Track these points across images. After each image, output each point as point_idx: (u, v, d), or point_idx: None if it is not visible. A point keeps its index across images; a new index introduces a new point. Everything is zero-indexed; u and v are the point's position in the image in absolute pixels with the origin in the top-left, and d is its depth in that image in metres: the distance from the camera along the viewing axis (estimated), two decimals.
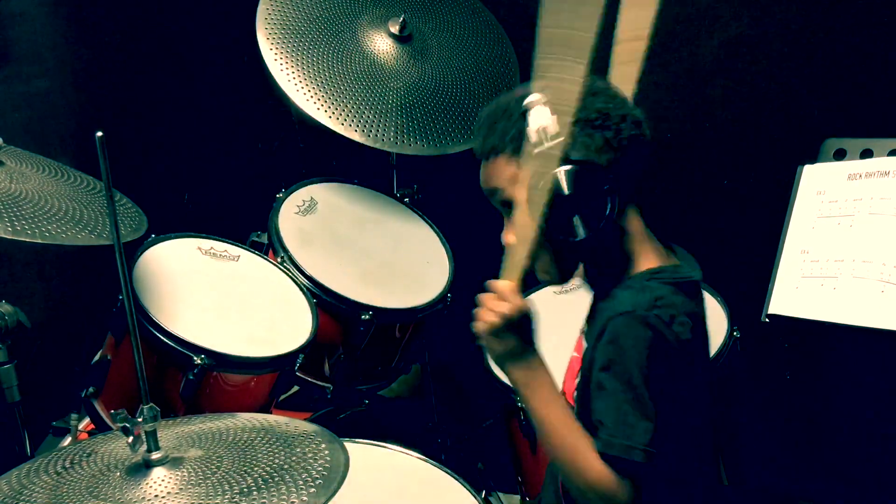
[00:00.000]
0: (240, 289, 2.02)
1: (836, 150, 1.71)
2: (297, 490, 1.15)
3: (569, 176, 1.34)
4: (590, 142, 1.36)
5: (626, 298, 1.37)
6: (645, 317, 1.32)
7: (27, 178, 1.79)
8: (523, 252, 1.41)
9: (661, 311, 1.33)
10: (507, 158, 1.41)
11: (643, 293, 1.36)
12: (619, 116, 1.38)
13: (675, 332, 1.33)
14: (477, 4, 2.56)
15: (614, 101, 1.39)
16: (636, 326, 1.32)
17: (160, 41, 2.72)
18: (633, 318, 1.33)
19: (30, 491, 1.20)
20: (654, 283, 1.38)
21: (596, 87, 1.39)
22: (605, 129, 1.36)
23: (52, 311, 2.55)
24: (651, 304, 1.33)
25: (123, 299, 1.21)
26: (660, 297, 1.35)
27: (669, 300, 1.35)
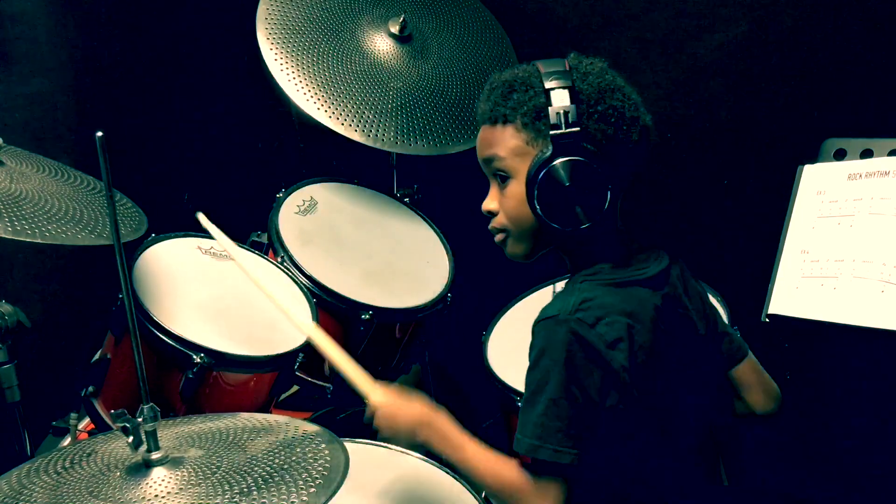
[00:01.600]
0: (240, 288, 2.02)
1: (836, 150, 1.71)
2: (297, 490, 1.15)
3: (581, 167, 1.35)
4: (602, 137, 1.37)
5: (556, 303, 1.39)
6: (565, 320, 1.34)
7: (27, 178, 1.79)
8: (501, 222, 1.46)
9: (585, 313, 1.34)
10: (516, 130, 1.41)
11: (570, 296, 1.38)
12: (631, 118, 1.39)
13: (599, 333, 1.33)
14: (477, 4, 2.56)
15: (629, 101, 1.40)
16: (553, 330, 1.35)
17: (160, 41, 2.72)
18: (554, 322, 1.35)
19: (30, 491, 1.20)
20: (585, 285, 1.40)
21: (616, 83, 1.41)
22: (617, 128, 1.38)
23: (52, 311, 2.55)
24: (575, 307, 1.35)
25: (123, 298, 1.21)
26: (587, 299, 1.36)
27: (599, 301, 1.36)
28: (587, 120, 1.37)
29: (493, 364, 2.03)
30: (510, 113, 1.41)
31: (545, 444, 1.33)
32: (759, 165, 2.36)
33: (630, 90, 1.43)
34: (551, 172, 1.36)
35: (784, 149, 2.23)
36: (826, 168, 1.66)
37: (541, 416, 1.34)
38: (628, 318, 1.37)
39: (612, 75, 1.42)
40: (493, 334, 2.12)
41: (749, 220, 2.37)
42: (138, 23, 2.68)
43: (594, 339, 1.33)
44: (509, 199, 1.43)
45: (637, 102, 1.42)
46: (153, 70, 2.72)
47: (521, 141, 1.41)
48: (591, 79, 1.39)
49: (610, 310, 1.36)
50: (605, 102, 1.37)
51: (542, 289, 2.19)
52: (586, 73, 1.40)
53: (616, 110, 1.38)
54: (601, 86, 1.39)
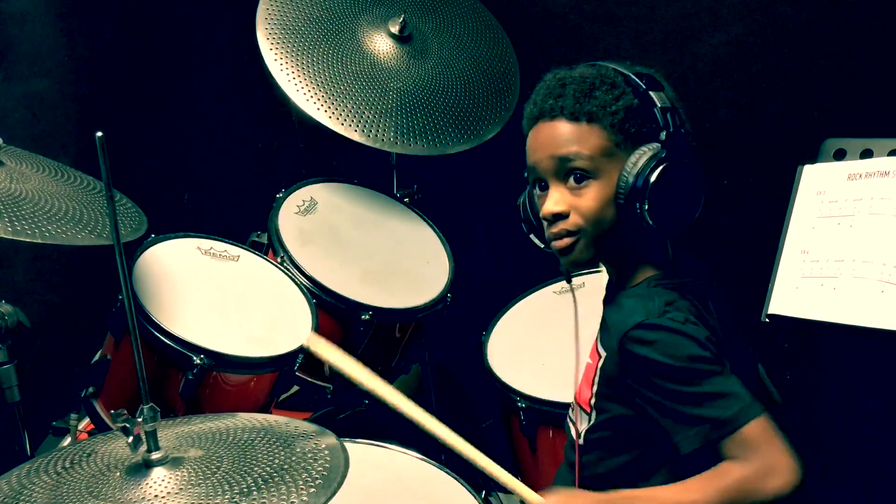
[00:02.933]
0: (240, 289, 2.02)
1: (836, 150, 1.71)
2: (297, 490, 1.15)
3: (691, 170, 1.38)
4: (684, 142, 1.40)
5: (635, 308, 1.37)
6: (661, 322, 1.33)
7: (27, 178, 1.79)
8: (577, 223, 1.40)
9: (673, 314, 1.34)
10: (603, 129, 1.38)
11: (651, 300, 1.36)
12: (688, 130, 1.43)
13: (694, 330, 1.33)
14: (477, 4, 2.56)
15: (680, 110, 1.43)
16: (656, 332, 1.33)
17: (160, 41, 2.72)
18: (650, 326, 1.33)
19: (30, 491, 1.20)
20: (659, 289, 1.39)
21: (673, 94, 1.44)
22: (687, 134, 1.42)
23: (52, 311, 2.55)
24: (661, 309, 1.34)
25: (123, 299, 1.21)
26: (669, 301, 1.36)
27: (678, 304, 1.36)
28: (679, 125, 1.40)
29: (493, 364, 2.03)
30: (597, 111, 1.38)
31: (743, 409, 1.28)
32: (759, 165, 2.36)
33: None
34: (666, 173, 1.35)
35: (784, 149, 2.23)
36: (826, 168, 1.66)
37: (701, 406, 1.30)
38: (700, 320, 1.36)
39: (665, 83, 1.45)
40: (493, 334, 2.12)
41: (749, 220, 2.36)
42: (138, 23, 2.68)
43: (694, 333, 1.32)
44: (589, 200, 1.39)
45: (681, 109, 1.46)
46: (153, 70, 2.72)
47: (608, 142, 1.38)
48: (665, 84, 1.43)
49: (688, 311, 1.36)
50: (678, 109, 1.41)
51: (542, 289, 2.19)
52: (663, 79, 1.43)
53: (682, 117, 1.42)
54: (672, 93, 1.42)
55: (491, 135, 2.31)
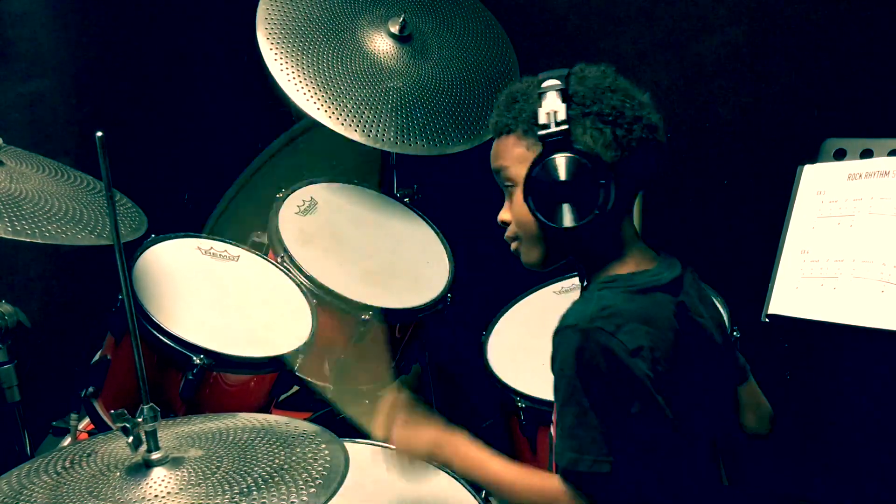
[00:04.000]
0: (240, 289, 2.02)
1: (836, 150, 1.71)
2: (297, 490, 1.15)
3: (568, 163, 1.36)
4: (598, 136, 1.37)
5: (574, 310, 1.38)
6: (586, 329, 1.32)
7: (27, 178, 1.79)
8: (513, 230, 1.47)
9: (605, 321, 1.33)
10: (517, 138, 1.42)
11: (589, 304, 1.37)
12: (633, 117, 1.38)
13: (621, 341, 1.32)
14: (477, 4, 2.56)
15: (632, 101, 1.39)
16: (574, 339, 1.33)
17: (160, 41, 2.72)
18: (573, 331, 1.34)
19: (30, 491, 1.20)
20: (605, 293, 1.38)
21: (617, 84, 1.40)
22: (616, 126, 1.37)
23: (52, 311, 2.55)
24: (595, 315, 1.33)
25: (123, 299, 1.21)
26: (606, 306, 1.35)
27: (617, 309, 1.34)
28: (582, 118, 1.37)
29: (493, 364, 2.03)
30: (512, 122, 1.43)
31: (583, 456, 1.32)
32: (759, 165, 2.36)
33: (636, 91, 1.42)
34: (541, 170, 1.37)
35: (784, 149, 2.23)
36: (826, 168, 1.66)
37: (573, 427, 1.33)
38: (648, 325, 1.35)
39: (614, 78, 1.42)
40: (493, 334, 2.12)
41: (749, 220, 2.36)
42: (138, 23, 2.68)
43: (616, 347, 1.31)
44: (516, 205, 1.44)
45: (642, 103, 1.41)
46: (153, 70, 2.72)
47: (522, 148, 1.42)
48: (588, 81, 1.40)
49: (630, 317, 1.34)
50: (601, 102, 1.37)
51: (542, 289, 2.19)
52: (584, 77, 1.41)
53: (615, 109, 1.37)
54: (598, 86, 1.39)
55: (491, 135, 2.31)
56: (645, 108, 1.41)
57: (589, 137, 1.37)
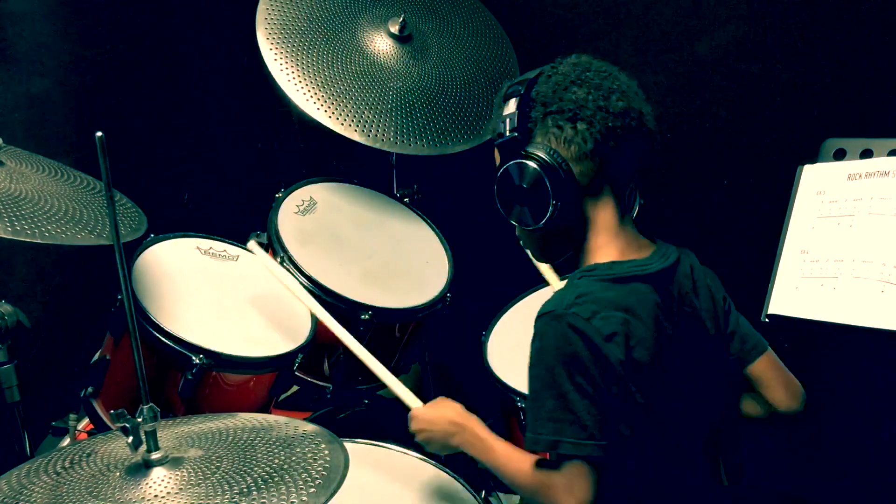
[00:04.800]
0: (239, 289, 2.02)
1: (836, 150, 1.71)
2: (297, 490, 1.15)
3: (515, 169, 1.40)
4: (559, 133, 1.39)
5: (554, 298, 1.41)
6: (562, 314, 1.35)
7: (27, 178, 1.79)
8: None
9: (581, 307, 1.35)
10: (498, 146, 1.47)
11: (567, 291, 1.39)
12: (597, 108, 1.39)
13: (596, 327, 1.34)
14: (477, 4, 2.56)
15: (598, 92, 1.40)
16: (551, 325, 1.36)
17: (160, 41, 2.72)
18: (550, 317, 1.36)
19: (30, 491, 1.20)
20: (583, 280, 1.41)
21: (584, 77, 1.41)
22: (578, 121, 1.39)
23: (52, 311, 2.55)
24: (571, 301, 1.36)
25: (123, 299, 1.21)
26: (583, 293, 1.37)
27: (594, 297, 1.37)
28: (543, 119, 1.40)
29: (493, 364, 2.03)
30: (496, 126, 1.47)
31: (564, 438, 1.34)
32: (759, 165, 2.36)
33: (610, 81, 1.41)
34: (498, 178, 1.43)
35: (784, 149, 2.23)
36: (826, 168, 1.66)
37: (552, 410, 1.34)
38: (625, 312, 1.37)
39: (585, 69, 1.42)
40: (493, 334, 2.12)
41: (749, 220, 2.36)
42: (138, 23, 2.68)
43: (591, 332, 1.34)
44: None
45: (611, 89, 1.40)
46: (153, 70, 2.72)
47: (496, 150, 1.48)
48: (553, 78, 1.42)
49: (606, 304, 1.36)
50: (560, 100, 1.39)
51: (542, 289, 2.19)
52: (552, 74, 1.43)
53: (575, 103, 1.39)
54: (560, 84, 1.40)
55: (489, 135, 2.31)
56: (613, 95, 1.40)
57: (550, 137, 1.39)
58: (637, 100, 1.43)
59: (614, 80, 1.42)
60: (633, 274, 1.42)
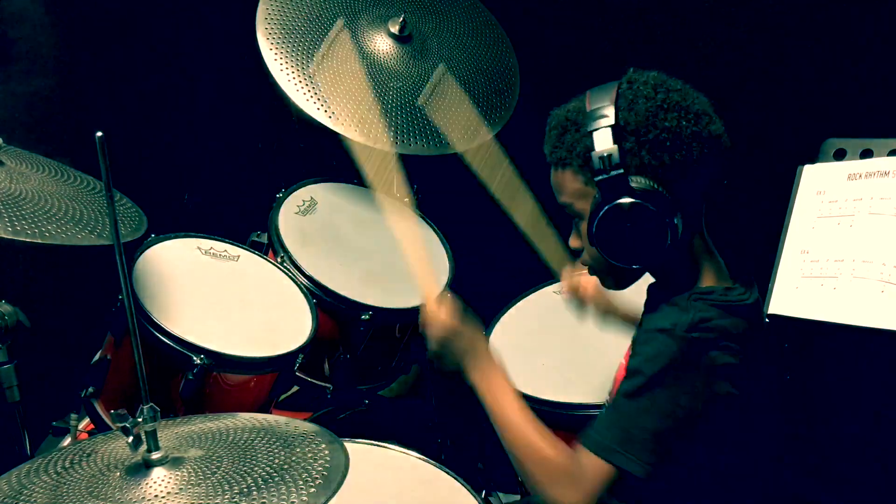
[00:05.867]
0: (240, 289, 2.02)
1: (836, 150, 1.71)
2: (297, 490, 1.15)
3: (628, 208, 1.32)
4: (657, 164, 1.33)
5: (669, 315, 1.35)
6: (683, 337, 1.31)
7: (27, 178, 1.79)
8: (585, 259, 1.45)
9: (703, 333, 1.32)
10: (574, 173, 1.39)
11: (686, 313, 1.34)
12: (692, 135, 1.33)
13: (712, 358, 1.31)
14: (477, 4, 2.56)
15: (688, 116, 1.34)
16: (669, 344, 1.31)
17: (160, 41, 2.72)
18: (671, 336, 1.32)
19: (30, 491, 1.19)
20: (700, 304, 1.35)
21: (670, 100, 1.35)
22: (675, 151, 1.33)
23: (52, 311, 2.54)
24: (693, 324, 1.32)
25: (123, 299, 1.21)
26: (705, 319, 1.33)
27: (715, 323, 1.33)
28: (639, 153, 1.32)
29: None
30: (566, 156, 1.39)
31: (626, 453, 1.30)
32: (759, 165, 2.36)
33: (691, 100, 1.36)
34: (602, 219, 1.34)
35: (784, 149, 2.23)
36: (826, 168, 1.66)
37: (632, 421, 1.31)
38: (737, 343, 1.34)
39: (667, 90, 1.36)
40: (493, 334, 2.12)
41: (749, 220, 2.36)
42: (138, 23, 2.68)
43: (706, 363, 1.31)
44: (585, 238, 1.41)
45: (698, 113, 1.35)
46: (153, 70, 2.72)
47: (580, 183, 1.39)
48: (639, 105, 1.34)
49: (724, 334, 1.33)
50: (655, 128, 1.32)
51: (542, 289, 2.19)
52: (635, 98, 1.35)
53: (671, 132, 1.32)
54: (650, 110, 1.33)
55: (491, 135, 2.31)
56: (703, 119, 1.35)
57: (647, 168, 1.32)
58: (717, 118, 1.38)
59: (695, 100, 1.37)
60: (743, 303, 1.39)
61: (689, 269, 1.42)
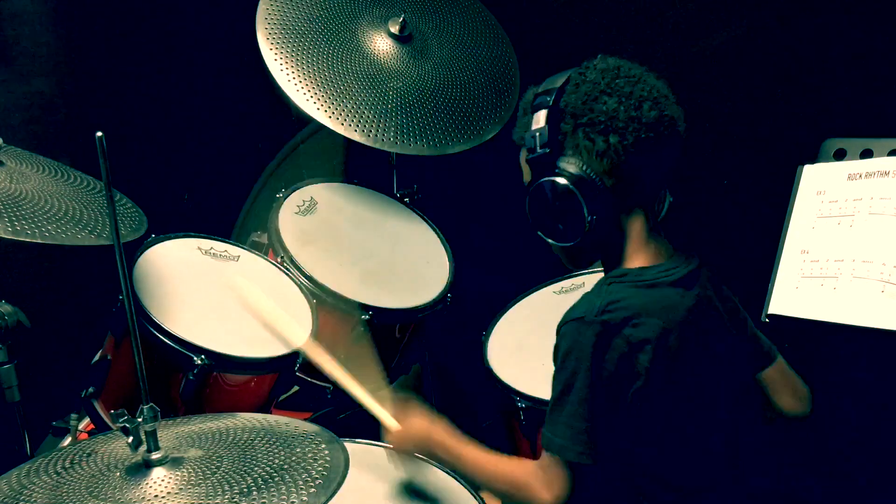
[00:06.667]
0: None
1: (836, 150, 1.71)
2: (297, 490, 1.15)
3: (550, 187, 1.37)
4: (590, 146, 1.36)
5: (581, 303, 1.40)
6: (592, 322, 1.34)
7: (27, 178, 1.79)
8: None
9: (612, 314, 1.34)
10: (525, 153, 1.44)
11: (598, 297, 1.38)
12: (629, 118, 1.36)
13: (626, 336, 1.34)
14: (477, 4, 2.56)
15: (628, 101, 1.37)
16: (580, 332, 1.35)
17: (160, 41, 2.72)
18: (580, 323, 1.35)
19: (30, 491, 1.20)
20: (614, 287, 1.39)
21: (615, 85, 1.38)
22: (610, 133, 1.36)
23: (52, 311, 2.55)
24: (602, 308, 1.35)
25: (123, 299, 1.21)
26: (614, 300, 1.36)
27: (626, 303, 1.36)
28: (573, 131, 1.37)
29: (493, 364, 2.03)
30: (520, 136, 1.45)
31: (573, 446, 1.35)
32: (759, 165, 2.36)
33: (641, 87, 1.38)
34: (530, 195, 1.40)
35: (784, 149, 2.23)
36: (826, 168, 1.66)
37: (570, 416, 1.35)
38: (656, 318, 1.36)
39: (615, 76, 1.39)
40: (493, 334, 2.12)
41: (749, 220, 2.36)
42: (138, 23, 2.68)
43: (620, 342, 1.33)
44: None
45: (641, 98, 1.37)
46: (153, 70, 2.72)
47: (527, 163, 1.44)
48: (581, 89, 1.38)
49: (638, 311, 1.36)
50: (592, 111, 1.36)
51: (542, 289, 2.19)
52: (581, 83, 1.39)
53: (607, 115, 1.35)
54: (590, 94, 1.37)
55: (491, 135, 2.31)
56: (645, 104, 1.37)
57: (582, 150, 1.36)
58: (668, 105, 1.40)
59: (644, 86, 1.39)
60: (662, 279, 1.41)
61: (620, 252, 1.45)
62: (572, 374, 1.35)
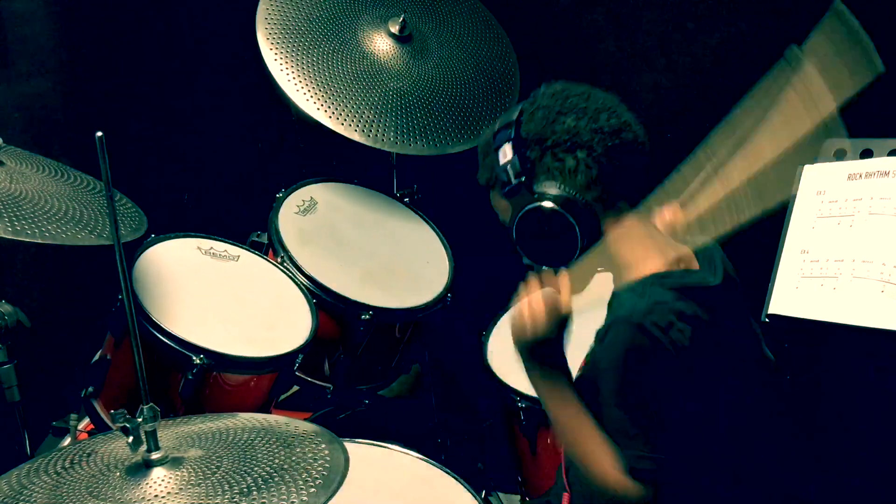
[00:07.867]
0: (240, 289, 2.02)
1: (836, 150, 1.71)
2: (297, 490, 1.15)
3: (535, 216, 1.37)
4: (561, 165, 1.38)
5: (626, 302, 1.38)
6: (640, 324, 1.33)
7: (27, 178, 1.79)
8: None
9: (658, 317, 1.33)
10: (498, 190, 1.45)
11: (642, 298, 1.36)
12: (592, 131, 1.38)
13: (672, 339, 1.32)
14: (477, 4, 2.56)
15: (585, 115, 1.38)
16: (630, 333, 1.33)
17: (160, 41, 2.72)
18: (628, 324, 1.34)
19: (30, 491, 1.20)
20: (656, 289, 1.37)
21: (568, 104, 1.40)
22: (577, 149, 1.37)
23: (52, 311, 2.55)
24: (649, 309, 1.34)
25: (123, 299, 1.21)
26: (659, 302, 1.35)
27: (670, 306, 1.35)
28: (542, 157, 1.38)
29: (493, 364, 2.03)
30: (488, 177, 1.47)
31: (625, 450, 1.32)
32: None
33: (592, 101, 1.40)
34: (514, 230, 1.40)
35: None
36: (826, 168, 1.66)
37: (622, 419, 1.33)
38: (697, 322, 1.35)
39: (566, 96, 1.40)
40: (493, 334, 2.12)
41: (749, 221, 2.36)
42: (138, 23, 2.68)
43: (667, 343, 1.32)
44: None
45: (598, 110, 1.39)
46: (153, 70, 2.72)
47: (505, 201, 1.45)
48: (538, 115, 1.40)
49: (681, 315, 1.35)
50: (554, 132, 1.38)
51: None
52: (535, 110, 1.41)
53: (570, 133, 1.37)
54: (547, 117, 1.39)
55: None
56: (602, 114, 1.39)
57: (554, 172, 1.38)
58: (623, 111, 1.41)
59: (595, 100, 1.41)
60: (700, 284, 1.41)
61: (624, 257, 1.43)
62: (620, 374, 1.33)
